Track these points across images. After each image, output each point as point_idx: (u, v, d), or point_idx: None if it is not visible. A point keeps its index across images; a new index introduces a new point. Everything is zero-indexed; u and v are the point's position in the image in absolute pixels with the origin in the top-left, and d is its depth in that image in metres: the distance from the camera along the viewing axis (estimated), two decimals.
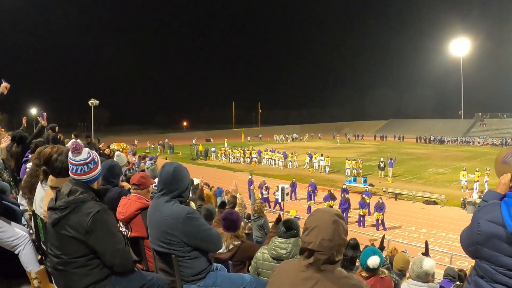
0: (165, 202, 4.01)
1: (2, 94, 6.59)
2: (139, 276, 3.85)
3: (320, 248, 2.63)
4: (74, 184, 3.65)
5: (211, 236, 3.96)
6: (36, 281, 5.02)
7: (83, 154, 3.72)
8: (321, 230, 2.66)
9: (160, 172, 4.18)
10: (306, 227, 2.75)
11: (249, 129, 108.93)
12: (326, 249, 2.63)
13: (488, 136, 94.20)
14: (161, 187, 4.09)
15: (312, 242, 2.65)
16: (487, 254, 2.95)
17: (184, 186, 4.12)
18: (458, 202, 31.93)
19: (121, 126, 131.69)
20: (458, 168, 46.98)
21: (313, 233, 2.67)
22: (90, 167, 3.74)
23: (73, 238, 3.42)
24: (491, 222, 2.94)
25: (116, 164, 6.50)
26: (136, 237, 5.06)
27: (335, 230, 2.67)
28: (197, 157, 64.19)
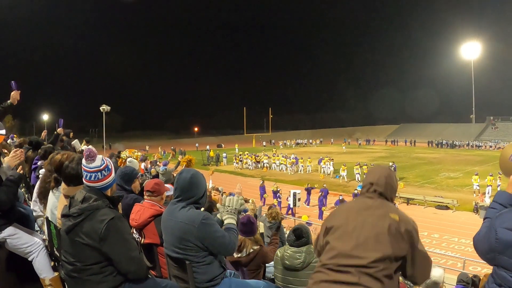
0: (180, 208, 4.01)
1: (12, 104, 6.55)
2: (153, 283, 3.85)
3: (378, 181, 3.31)
4: (88, 191, 3.65)
5: (225, 243, 3.94)
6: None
7: (97, 161, 3.72)
8: (380, 173, 3.40)
9: (177, 178, 4.17)
10: (367, 173, 3.54)
11: (261, 134, 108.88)
12: (383, 183, 3.31)
13: (500, 139, 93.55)
14: (177, 194, 4.09)
15: (372, 179, 3.36)
16: (506, 263, 2.96)
17: (201, 193, 4.13)
18: (470, 206, 31.69)
19: (133, 131, 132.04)
20: (470, 172, 46.73)
21: (373, 173, 3.42)
22: (104, 174, 3.73)
23: (87, 245, 3.41)
24: (509, 230, 2.95)
25: (130, 170, 6.50)
26: (149, 243, 5.06)
27: (389, 174, 3.42)
28: (209, 163, 64.19)
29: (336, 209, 3.38)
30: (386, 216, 3.01)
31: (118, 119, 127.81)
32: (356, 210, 3.17)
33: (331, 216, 3.29)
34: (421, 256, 3.01)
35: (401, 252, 2.90)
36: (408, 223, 3.02)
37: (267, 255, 5.40)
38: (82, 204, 3.53)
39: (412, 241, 2.97)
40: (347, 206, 3.35)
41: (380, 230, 2.93)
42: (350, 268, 2.82)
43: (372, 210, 3.11)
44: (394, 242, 2.89)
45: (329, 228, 3.17)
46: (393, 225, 2.95)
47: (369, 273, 2.78)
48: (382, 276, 2.80)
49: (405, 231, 2.96)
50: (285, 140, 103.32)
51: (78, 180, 3.92)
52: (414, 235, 3.01)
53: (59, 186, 5.18)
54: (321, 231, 3.30)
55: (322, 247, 3.21)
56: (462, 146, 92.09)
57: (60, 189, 5.13)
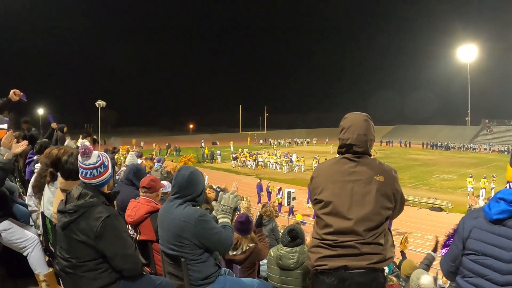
0: (177, 205, 4.00)
1: (10, 100, 6.53)
2: (148, 280, 3.84)
3: (357, 142, 3.28)
4: (84, 188, 3.62)
5: (221, 239, 3.94)
6: (45, 283, 5.01)
7: (92, 158, 3.68)
8: (357, 127, 3.32)
9: (176, 175, 4.16)
10: (343, 127, 3.41)
11: (256, 132, 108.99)
12: (362, 142, 3.30)
13: (494, 142, 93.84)
14: (175, 191, 4.08)
15: (350, 138, 3.30)
16: (474, 245, 2.93)
17: (199, 191, 4.12)
18: (464, 208, 31.65)
19: (127, 127, 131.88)
20: (464, 174, 46.89)
21: (350, 130, 3.33)
22: (100, 171, 3.70)
23: (83, 242, 3.39)
24: (472, 218, 3.06)
25: (142, 168, 6.51)
26: (144, 240, 5.04)
27: (367, 127, 3.35)
28: (203, 160, 64.14)
29: (318, 177, 3.40)
30: (372, 180, 3.18)
31: (113, 115, 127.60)
32: (339, 178, 3.25)
33: (316, 185, 3.36)
34: (402, 201, 3.32)
35: (389, 211, 3.16)
36: (392, 179, 3.25)
37: (261, 253, 5.40)
38: (78, 201, 3.50)
39: (396, 196, 3.24)
40: (329, 172, 3.36)
41: (369, 200, 3.11)
42: (350, 243, 3.04)
43: (355, 175, 3.23)
44: (384, 205, 3.14)
45: (319, 200, 3.29)
46: (380, 187, 3.16)
47: (369, 242, 3.03)
48: (381, 238, 3.08)
49: (392, 190, 3.21)
50: (279, 139, 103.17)
51: (76, 174, 3.89)
52: (398, 188, 3.28)
53: (54, 181, 5.16)
54: (311, 193, 3.48)
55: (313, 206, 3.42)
56: (457, 148, 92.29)
57: (55, 184, 5.12)
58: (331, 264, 3.07)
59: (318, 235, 3.23)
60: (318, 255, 3.16)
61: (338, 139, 3.45)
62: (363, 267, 3.01)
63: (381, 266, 3.09)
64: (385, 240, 3.13)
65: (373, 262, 3.02)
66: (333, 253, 3.08)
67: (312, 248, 3.25)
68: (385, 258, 3.09)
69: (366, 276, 3.03)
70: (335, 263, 3.05)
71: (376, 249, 3.05)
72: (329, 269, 3.08)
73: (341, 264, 3.04)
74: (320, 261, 3.13)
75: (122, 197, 5.60)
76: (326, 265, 3.09)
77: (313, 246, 3.25)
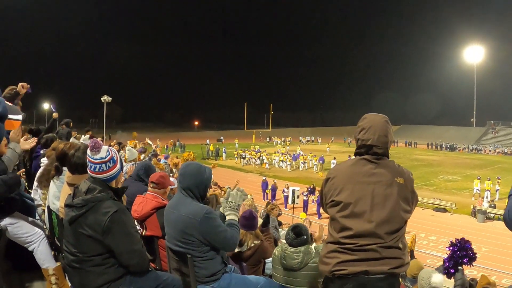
0: (184, 201, 4.02)
1: (18, 93, 6.56)
2: (154, 276, 3.84)
3: (378, 143, 3.23)
4: (92, 182, 3.62)
5: (227, 238, 3.94)
6: (54, 277, 5.02)
7: (101, 152, 3.67)
8: (377, 128, 3.27)
9: (181, 171, 4.18)
10: (362, 127, 3.33)
11: (261, 130, 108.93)
12: (383, 143, 3.24)
13: (500, 144, 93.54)
14: (181, 187, 4.10)
15: (371, 139, 3.24)
16: None
17: (204, 186, 4.14)
18: (468, 210, 31.73)
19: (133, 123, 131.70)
20: (469, 176, 46.87)
21: (371, 131, 3.27)
22: (109, 165, 3.70)
23: (90, 237, 3.39)
24: None
25: (152, 165, 6.53)
26: (150, 236, 5.05)
27: (388, 128, 3.32)
28: (208, 157, 64.16)
29: (336, 178, 3.31)
30: (393, 182, 3.15)
31: (118, 110, 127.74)
32: (359, 179, 3.19)
33: (334, 186, 3.28)
34: (416, 202, 3.32)
35: (408, 214, 3.17)
36: (411, 182, 3.24)
37: (267, 251, 5.39)
38: (86, 195, 3.50)
39: (413, 199, 3.25)
40: (348, 173, 3.27)
41: (390, 203, 3.08)
42: (371, 246, 2.99)
43: (376, 177, 3.18)
44: (404, 208, 3.13)
45: (337, 202, 3.21)
46: (401, 190, 3.14)
47: (390, 246, 3.00)
48: (400, 242, 3.07)
49: (410, 193, 3.21)
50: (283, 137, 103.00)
51: (83, 168, 3.89)
52: (415, 191, 3.26)
53: (60, 176, 5.17)
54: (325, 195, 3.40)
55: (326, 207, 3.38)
56: (462, 149, 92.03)
57: (61, 178, 5.13)
58: (351, 269, 3.00)
59: (334, 239, 3.16)
60: (336, 260, 3.07)
61: (356, 140, 3.40)
62: (384, 272, 2.97)
63: (400, 271, 3.07)
64: (403, 244, 3.11)
65: (393, 267, 2.99)
66: (353, 257, 3.02)
67: (329, 254, 3.17)
68: (405, 263, 3.06)
69: (385, 281, 2.99)
70: (356, 268, 2.99)
71: (396, 253, 3.03)
72: (348, 274, 3.01)
73: (362, 269, 2.98)
74: (339, 266, 3.05)
75: (132, 192, 5.62)
76: (346, 270, 3.02)
77: (330, 251, 3.16)
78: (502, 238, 23.73)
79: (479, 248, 23.11)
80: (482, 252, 22.53)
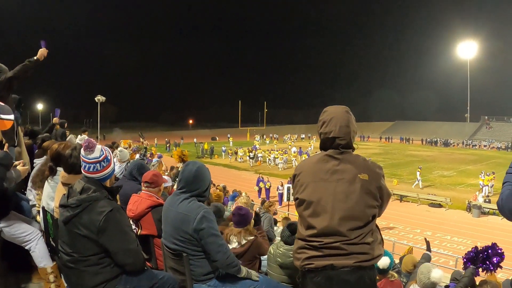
0: (183, 199, 4.03)
1: (38, 60, 6.50)
2: (150, 275, 3.85)
3: (340, 134, 3.19)
4: (86, 182, 3.62)
5: (218, 244, 3.92)
6: (52, 276, 5.01)
7: (96, 152, 3.68)
8: (338, 120, 3.24)
9: (183, 170, 4.20)
10: (323, 120, 3.31)
11: (255, 128, 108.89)
12: (345, 134, 3.20)
13: (494, 139, 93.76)
14: (181, 185, 4.11)
15: (333, 131, 3.21)
16: None
17: (205, 187, 4.16)
18: (463, 205, 31.91)
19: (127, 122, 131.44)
20: (463, 171, 47.04)
21: (332, 123, 3.24)
22: (103, 165, 3.70)
23: (85, 237, 3.40)
24: None
25: (145, 164, 6.53)
26: (146, 235, 5.04)
27: (349, 118, 3.29)
28: (203, 155, 64.11)
29: (301, 175, 3.31)
30: (355, 179, 3.10)
31: (112, 110, 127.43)
32: (322, 176, 3.18)
33: (299, 183, 3.29)
34: (387, 197, 3.24)
35: (375, 209, 3.12)
36: (376, 176, 3.17)
37: (262, 246, 5.37)
38: (81, 195, 3.50)
39: (381, 193, 3.18)
40: (312, 170, 3.26)
41: (352, 200, 3.05)
42: (335, 244, 3.01)
43: (339, 174, 3.14)
44: (369, 204, 3.08)
45: (301, 200, 3.23)
46: (365, 186, 3.09)
47: (355, 242, 3.00)
48: (368, 237, 3.05)
49: (376, 188, 3.14)
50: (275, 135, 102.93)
51: (79, 168, 3.89)
52: (382, 185, 3.20)
53: (54, 176, 5.16)
54: (293, 191, 3.41)
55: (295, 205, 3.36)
56: (456, 145, 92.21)
57: (55, 178, 5.12)
58: (318, 263, 3.05)
59: (302, 236, 3.20)
60: (305, 255, 3.13)
61: (319, 134, 3.37)
62: (350, 265, 2.99)
63: (368, 265, 3.05)
64: (374, 238, 3.11)
65: (360, 260, 2.99)
66: (319, 253, 3.06)
67: (299, 249, 3.22)
68: (373, 257, 3.06)
69: (353, 274, 3.00)
70: (322, 262, 3.03)
71: (363, 249, 3.02)
72: (315, 267, 3.06)
73: (328, 263, 3.02)
74: (307, 261, 3.11)
75: (126, 192, 5.63)
76: (313, 264, 3.07)
77: (299, 248, 3.22)
78: (498, 232, 23.84)
79: (474, 243, 23.20)
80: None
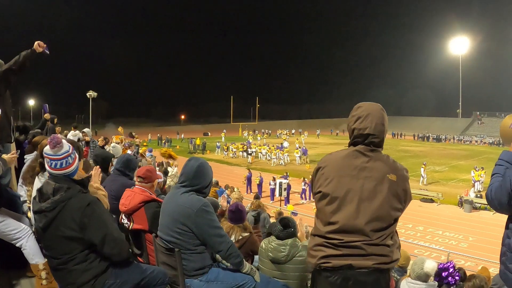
0: (182, 192, 4.05)
1: (34, 51, 6.38)
2: (140, 269, 3.85)
3: (375, 132, 3.10)
4: (56, 181, 3.51)
5: (220, 235, 3.96)
6: (44, 272, 4.98)
7: (64, 146, 3.56)
8: (374, 117, 3.13)
9: (185, 165, 4.21)
10: (358, 116, 3.17)
11: (247, 123, 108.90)
12: (379, 132, 3.13)
13: (485, 135, 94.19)
14: (182, 179, 4.13)
15: (368, 127, 3.10)
16: None
17: (206, 183, 4.17)
18: (455, 200, 31.96)
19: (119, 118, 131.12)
20: (455, 166, 47.17)
21: (368, 120, 3.12)
22: (72, 157, 3.60)
23: (69, 237, 3.36)
24: None
25: (132, 158, 6.51)
26: (137, 229, 5.04)
27: (385, 117, 3.20)
28: (195, 151, 63.99)
29: (327, 168, 3.17)
30: (384, 178, 3.02)
31: (104, 106, 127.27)
32: (350, 172, 3.07)
33: (324, 176, 3.15)
34: (409, 200, 3.17)
35: (399, 212, 3.04)
36: (404, 179, 3.11)
37: (256, 244, 5.37)
38: (54, 197, 3.41)
39: (406, 196, 3.10)
40: (339, 165, 3.13)
41: (379, 200, 2.97)
42: (355, 243, 2.92)
43: (367, 171, 3.05)
44: (394, 206, 3.01)
45: (324, 194, 3.11)
46: (392, 187, 3.01)
47: (376, 243, 2.92)
48: (388, 239, 2.96)
49: (402, 190, 3.07)
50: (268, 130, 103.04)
51: None
52: (408, 188, 3.13)
53: (44, 172, 5.13)
54: (314, 184, 3.28)
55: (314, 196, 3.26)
56: (448, 140, 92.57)
57: (45, 174, 5.09)
58: (336, 262, 2.96)
59: (320, 233, 3.09)
60: (322, 253, 3.02)
61: (350, 129, 3.23)
62: (368, 267, 2.91)
63: (386, 267, 2.98)
64: (393, 241, 3.02)
65: (378, 262, 2.92)
66: (338, 252, 2.97)
67: (315, 247, 3.09)
68: (392, 260, 2.98)
69: (370, 276, 2.93)
70: (340, 262, 2.95)
71: (383, 251, 2.94)
72: (332, 267, 2.97)
73: (346, 263, 2.93)
74: (324, 259, 3.00)
75: (116, 187, 5.63)
76: (330, 263, 2.97)
77: (316, 245, 3.09)
78: (489, 227, 23.94)
79: (466, 238, 23.31)
80: (469, 241, 22.74)
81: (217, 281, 4.04)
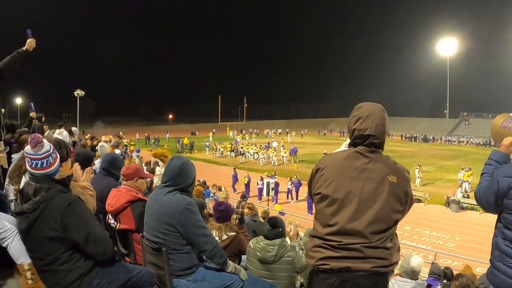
0: (166, 192, 4.02)
1: (27, 51, 6.39)
2: (126, 269, 3.84)
3: (376, 133, 3.07)
4: (36, 182, 3.47)
5: (205, 235, 3.95)
6: (29, 272, 4.94)
7: (45, 145, 3.52)
8: (375, 117, 3.11)
9: (168, 164, 4.18)
10: (359, 116, 3.15)
11: (235, 123, 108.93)
12: (380, 133, 3.09)
13: (472, 135, 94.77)
14: (166, 179, 4.09)
15: (369, 128, 3.07)
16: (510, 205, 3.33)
17: (189, 181, 4.14)
18: (442, 200, 32.21)
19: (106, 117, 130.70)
20: (442, 166, 47.37)
21: (368, 120, 3.09)
22: (53, 157, 3.57)
23: (52, 238, 3.34)
24: (508, 177, 3.31)
25: (118, 156, 6.48)
26: (124, 229, 5.02)
27: (385, 117, 3.17)
28: (182, 150, 63.89)
29: (327, 168, 3.14)
30: (384, 180, 3.00)
31: (91, 105, 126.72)
32: (350, 174, 3.04)
33: (323, 178, 3.12)
34: (411, 203, 3.17)
35: (399, 214, 3.04)
36: (405, 180, 3.09)
37: (242, 243, 5.37)
38: (35, 198, 3.38)
39: (407, 199, 3.10)
40: (339, 166, 3.10)
41: (379, 202, 2.95)
42: (354, 246, 2.91)
43: (367, 173, 3.03)
44: (394, 208, 3.00)
45: (324, 196, 3.08)
46: (392, 189, 3.00)
47: (375, 246, 2.90)
48: (388, 242, 2.96)
49: (403, 192, 3.05)
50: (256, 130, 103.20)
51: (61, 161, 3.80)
52: (409, 190, 3.12)
53: None
54: (313, 186, 3.24)
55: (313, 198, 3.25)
56: (436, 141, 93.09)
57: None
58: (334, 264, 2.95)
59: (319, 234, 3.07)
60: (320, 255, 3.00)
61: (351, 130, 3.21)
62: (367, 269, 2.90)
63: (385, 271, 2.97)
64: (393, 243, 3.02)
65: (377, 265, 2.90)
66: (336, 254, 2.96)
67: (314, 248, 3.08)
68: (391, 263, 2.96)
69: (368, 279, 2.91)
70: (338, 264, 2.94)
71: (382, 254, 2.93)
72: (331, 269, 2.95)
73: (345, 265, 2.92)
74: (322, 261, 2.99)
75: (101, 188, 5.58)
76: (328, 265, 2.96)
77: (314, 246, 3.08)
78: (476, 227, 24.16)
79: (453, 238, 23.44)
80: (456, 241, 22.89)
81: (204, 281, 4.03)
